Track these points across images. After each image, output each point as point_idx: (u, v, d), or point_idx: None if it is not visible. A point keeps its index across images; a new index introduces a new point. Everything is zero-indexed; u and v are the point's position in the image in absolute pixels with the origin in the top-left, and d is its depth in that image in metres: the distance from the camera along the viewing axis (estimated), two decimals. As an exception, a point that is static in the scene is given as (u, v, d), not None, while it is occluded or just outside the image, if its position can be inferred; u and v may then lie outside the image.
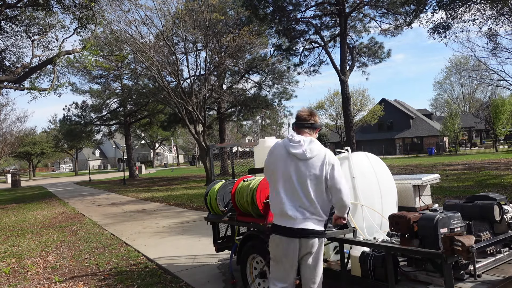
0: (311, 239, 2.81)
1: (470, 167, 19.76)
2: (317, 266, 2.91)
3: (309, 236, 2.80)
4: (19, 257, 7.22)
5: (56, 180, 43.02)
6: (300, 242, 2.82)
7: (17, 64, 17.04)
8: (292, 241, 2.82)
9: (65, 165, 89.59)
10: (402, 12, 18.61)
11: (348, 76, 19.29)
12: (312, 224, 2.82)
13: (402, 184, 4.40)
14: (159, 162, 78.86)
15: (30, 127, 62.36)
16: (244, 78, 26.27)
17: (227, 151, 25.40)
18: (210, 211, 4.91)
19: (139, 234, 8.61)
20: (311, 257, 2.87)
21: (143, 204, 14.73)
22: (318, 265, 2.92)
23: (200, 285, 4.88)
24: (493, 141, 39.15)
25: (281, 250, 2.88)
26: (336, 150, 4.34)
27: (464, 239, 2.51)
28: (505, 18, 17.62)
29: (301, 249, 2.84)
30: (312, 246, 2.83)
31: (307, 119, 3.01)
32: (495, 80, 33.28)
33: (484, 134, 56.91)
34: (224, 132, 29.07)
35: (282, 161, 2.91)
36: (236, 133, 53.95)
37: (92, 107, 34.36)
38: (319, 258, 2.92)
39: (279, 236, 2.87)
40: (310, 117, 3.03)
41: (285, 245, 2.85)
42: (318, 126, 3.06)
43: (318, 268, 2.93)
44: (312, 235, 2.81)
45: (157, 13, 18.80)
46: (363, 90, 42.27)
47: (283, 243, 2.86)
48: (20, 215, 13.78)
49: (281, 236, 2.86)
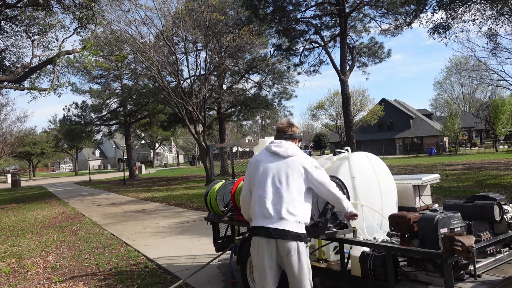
0: (288, 242, 2.72)
1: (470, 167, 19.76)
2: (300, 273, 2.75)
3: (287, 238, 2.72)
4: (19, 257, 7.22)
5: (56, 180, 43.02)
6: (277, 243, 2.75)
7: (17, 64, 17.04)
8: (269, 241, 2.76)
9: (65, 165, 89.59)
10: (402, 12, 18.60)
11: (348, 76, 19.29)
12: (290, 226, 2.75)
13: (402, 184, 4.40)
14: (159, 162, 78.88)
15: (30, 127, 62.54)
16: (244, 78, 26.27)
17: (227, 151, 25.39)
18: (210, 211, 4.91)
19: (139, 234, 8.61)
20: (292, 262, 2.73)
21: (143, 204, 14.73)
22: (301, 273, 2.75)
23: (200, 285, 4.88)
24: (493, 141, 39.16)
25: (257, 251, 2.83)
26: (336, 150, 4.34)
27: (464, 239, 2.51)
28: (505, 18, 17.62)
29: (278, 251, 2.76)
30: (289, 250, 2.72)
31: (285, 130, 3.13)
32: (495, 80, 33.32)
33: (484, 134, 56.94)
34: (224, 132, 29.07)
35: (263, 160, 3.00)
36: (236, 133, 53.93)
37: (92, 107, 34.36)
38: (302, 265, 2.75)
39: (257, 237, 2.84)
40: (288, 128, 3.14)
41: (262, 246, 2.79)
42: (296, 136, 3.17)
43: (302, 276, 2.76)
44: (291, 237, 2.73)
45: (157, 13, 18.85)
46: (363, 90, 42.37)
47: (260, 244, 2.81)
48: (20, 215, 13.78)
49: (259, 237, 2.82)
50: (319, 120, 47.68)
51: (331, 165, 4.12)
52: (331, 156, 4.35)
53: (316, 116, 46.16)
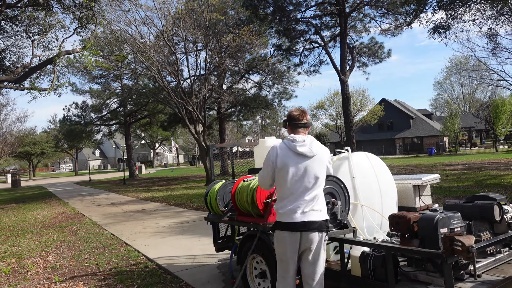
0: (312, 233, 2.87)
1: (470, 167, 19.76)
2: (317, 262, 2.93)
3: (311, 230, 2.87)
4: (19, 257, 7.22)
5: (56, 180, 43.02)
6: (301, 235, 2.87)
7: (17, 64, 17.04)
8: (293, 235, 2.88)
9: (65, 165, 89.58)
10: (402, 12, 18.60)
11: (348, 76, 19.29)
12: (314, 216, 2.90)
13: (402, 184, 4.40)
14: (159, 162, 78.87)
15: (30, 127, 62.52)
16: (244, 78, 26.28)
17: (227, 151, 25.39)
18: (210, 211, 4.91)
19: (139, 234, 8.61)
20: (312, 253, 2.90)
21: (143, 204, 14.73)
22: (318, 262, 2.94)
23: (200, 285, 4.88)
24: (493, 141, 39.16)
25: (282, 245, 2.95)
26: (336, 150, 4.34)
27: (464, 239, 2.51)
28: (505, 18, 17.62)
29: (301, 244, 2.89)
30: (312, 241, 2.87)
31: (300, 119, 3.11)
32: (495, 80, 33.33)
33: (484, 134, 56.93)
34: (224, 132, 29.07)
35: (291, 159, 2.98)
36: (236, 133, 53.98)
37: (92, 107, 34.36)
38: (319, 254, 2.93)
39: (281, 231, 2.95)
40: (303, 116, 3.13)
41: (287, 240, 2.91)
42: (310, 124, 3.19)
43: (318, 265, 2.94)
44: (314, 228, 2.87)
45: (157, 13, 18.85)
46: (363, 90, 42.30)
47: (285, 238, 2.93)
48: (20, 215, 13.78)
49: (283, 231, 2.93)
50: (319, 120, 47.71)
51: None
52: (331, 156, 4.35)
53: (316, 116, 46.14)
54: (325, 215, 2.99)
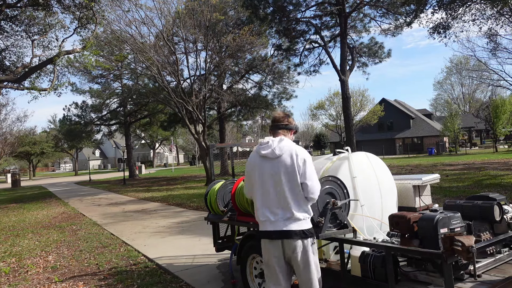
0: (294, 241, 2.76)
1: (470, 167, 19.75)
2: (308, 268, 2.79)
3: (292, 237, 2.75)
4: (19, 257, 7.22)
5: (56, 180, 43.01)
6: (283, 244, 2.79)
7: (17, 64, 17.04)
8: (275, 243, 2.81)
9: (65, 165, 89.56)
10: (402, 12, 18.61)
11: (348, 76, 19.29)
12: (294, 225, 2.77)
13: (402, 184, 4.40)
14: (159, 162, 78.85)
15: (30, 127, 62.59)
16: (244, 78, 26.27)
17: (227, 151, 25.41)
18: (210, 211, 4.91)
19: (139, 234, 8.61)
20: (299, 259, 2.78)
21: (143, 204, 14.73)
22: (309, 268, 2.79)
23: (200, 285, 4.88)
24: (493, 141, 39.15)
25: (267, 253, 2.89)
26: (336, 150, 4.34)
27: (464, 239, 2.51)
28: (505, 18, 17.64)
29: (285, 251, 2.80)
30: (294, 248, 2.76)
31: (281, 120, 3.03)
32: (495, 80, 33.37)
33: (484, 134, 56.93)
34: (224, 132, 29.08)
35: (256, 165, 2.92)
36: (236, 133, 53.98)
37: (92, 107, 34.35)
38: (308, 260, 2.79)
39: (264, 240, 2.89)
40: (284, 118, 3.05)
41: (270, 248, 2.84)
42: (292, 127, 3.06)
43: (311, 270, 2.80)
44: (295, 236, 2.75)
45: (157, 13, 18.84)
46: (363, 90, 42.36)
47: (267, 247, 2.87)
48: (20, 215, 13.77)
49: (266, 239, 2.87)
50: (319, 120, 47.69)
51: (331, 165, 4.12)
52: (331, 156, 4.35)
53: (316, 116, 46.16)
54: (305, 222, 2.81)
